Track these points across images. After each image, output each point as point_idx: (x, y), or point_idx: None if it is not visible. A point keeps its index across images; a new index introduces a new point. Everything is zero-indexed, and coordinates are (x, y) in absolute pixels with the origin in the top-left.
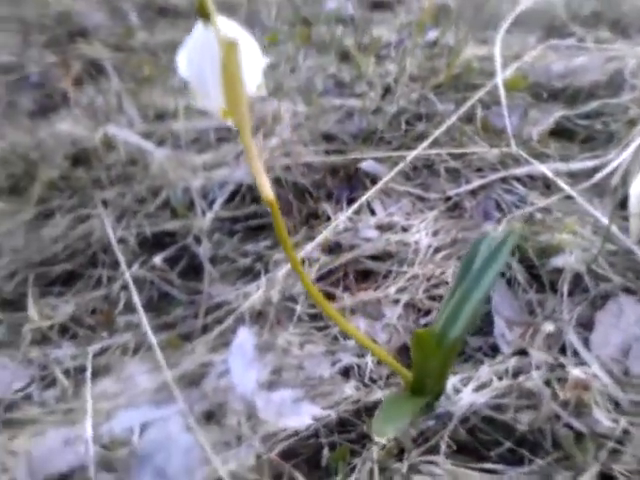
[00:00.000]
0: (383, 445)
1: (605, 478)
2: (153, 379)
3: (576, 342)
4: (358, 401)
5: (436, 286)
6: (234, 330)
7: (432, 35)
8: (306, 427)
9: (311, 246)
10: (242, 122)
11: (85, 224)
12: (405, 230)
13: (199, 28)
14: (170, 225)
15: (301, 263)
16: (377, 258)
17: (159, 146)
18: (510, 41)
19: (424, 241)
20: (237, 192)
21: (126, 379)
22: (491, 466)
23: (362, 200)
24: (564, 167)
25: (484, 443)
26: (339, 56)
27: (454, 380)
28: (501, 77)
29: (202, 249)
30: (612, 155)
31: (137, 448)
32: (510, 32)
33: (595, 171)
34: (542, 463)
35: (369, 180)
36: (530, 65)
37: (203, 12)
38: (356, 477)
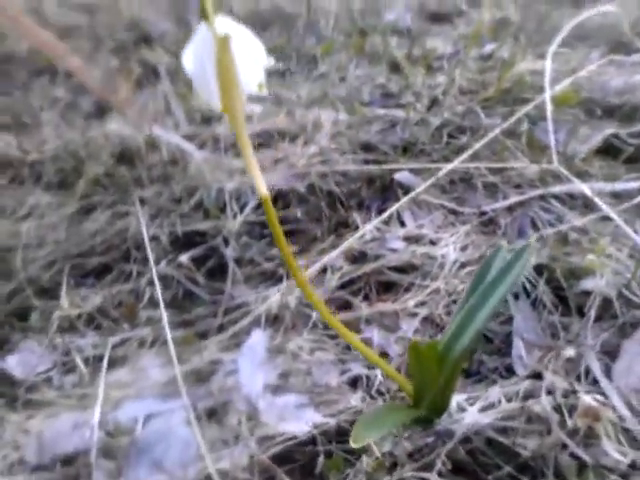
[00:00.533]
0: (376, 457)
1: None
2: (164, 373)
3: (597, 369)
4: (361, 412)
5: (457, 302)
6: (249, 332)
7: (489, 48)
8: (304, 433)
9: (335, 253)
10: (236, 116)
11: (122, 220)
12: (433, 243)
13: (202, 27)
14: (201, 225)
15: (323, 270)
16: (401, 270)
17: (200, 149)
18: (572, 56)
19: (451, 255)
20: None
21: (139, 371)
22: None
23: (391, 211)
24: (607, 187)
25: (483, 466)
26: (390, 67)
27: (460, 398)
28: (550, 92)
29: (229, 251)
30: None
31: (139, 438)
32: (573, 47)
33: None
34: None
35: (403, 191)
36: (587, 80)
37: (204, 12)
38: None
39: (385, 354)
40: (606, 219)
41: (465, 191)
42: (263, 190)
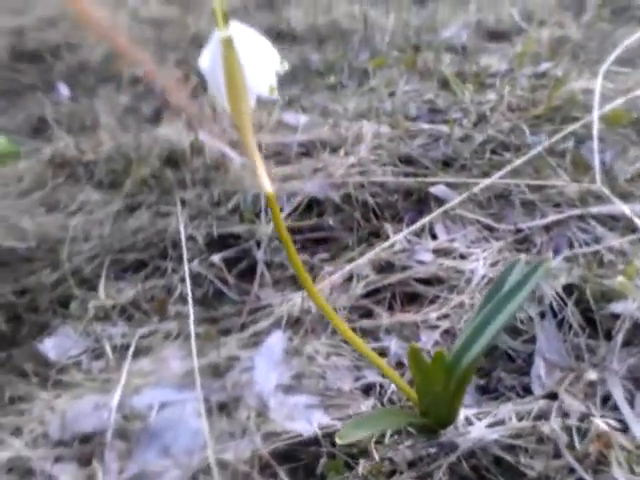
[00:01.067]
0: (376, 462)
1: None
2: (183, 365)
3: (618, 395)
4: None
5: None
6: (269, 332)
7: (544, 67)
8: (309, 433)
9: (361, 261)
10: (241, 116)
11: (163, 220)
12: (463, 258)
13: (216, 32)
14: (236, 228)
15: (350, 278)
16: (427, 282)
17: (242, 155)
18: (631, 75)
19: (480, 271)
20: (305, 204)
21: (161, 361)
22: None
23: (421, 222)
24: None
25: None
26: (440, 83)
27: (469, 412)
28: (599, 110)
29: (260, 254)
30: None
31: (151, 424)
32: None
33: None
34: None
35: (438, 205)
36: None
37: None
38: None
39: (401, 364)
40: None
41: (502, 208)
42: (268, 188)
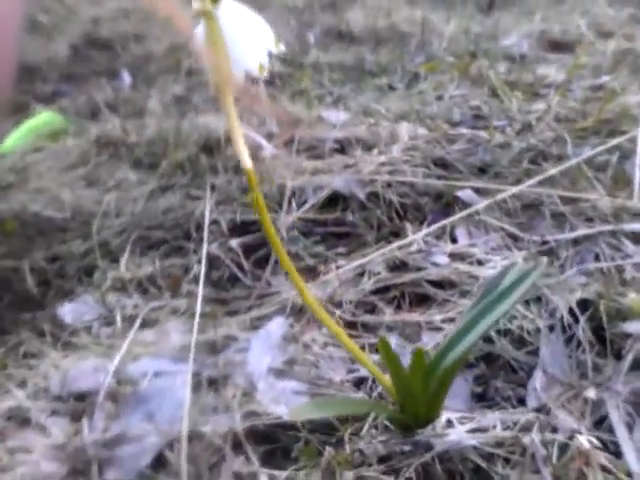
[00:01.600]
0: (346, 453)
1: None
2: (183, 339)
3: (615, 417)
4: None
5: None
6: (271, 317)
7: (603, 79)
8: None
9: (375, 257)
10: (224, 89)
11: (192, 203)
12: (480, 264)
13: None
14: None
15: (362, 274)
16: (439, 285)
17: (275, 147)
18: None
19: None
20: (330, 198)
21: (163, 333)
22: None
23: (439, 224)
24: None
25: None
26: (491, 90)
27: (453, 415)
28: None
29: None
30: None
31: (141, 390)
32: None
33: None
34: None
35: (464, 210)
36: None
37: None
38: (305, 473)
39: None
40: None
41: (531, 218)
42: (247, 163)
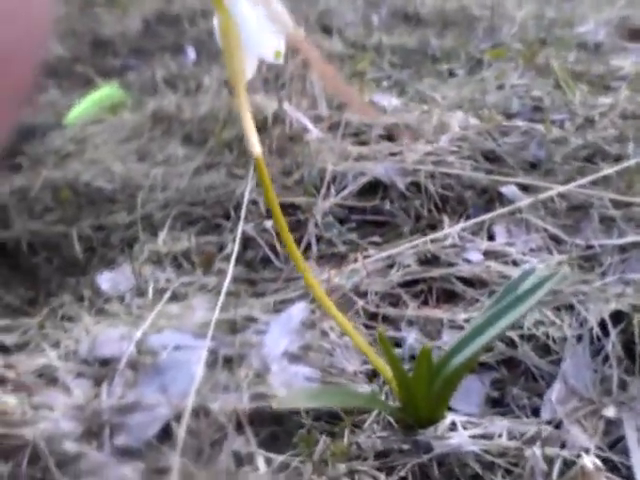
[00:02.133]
0: (343, 444)
1: None
2: (206, 316)
3: (632, 438)
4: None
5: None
6: (294, 302)
7: None
8: None
9: (405, 248)
10: (235, 75)
11: (235, 182)
12: (515, 264)
13: None
14: (297, 199)
15: (391, 265)
16: (468, 282)
17: (323, 131)
18: None
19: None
20: (371, 185)
21: (188, 308)
22: None
23: (475, 220)
24: None
25: None
26: (556, 81)
27: (459, 418)
28: None
29: (311, 227)
30: None
31: (159, 362)
32: None
33: None
34: None
35: (507, 206)
36: None
37: None
38: (300, 460)
39: (413, 357)
40: None
41: (578, 220)
42: (256, 149)
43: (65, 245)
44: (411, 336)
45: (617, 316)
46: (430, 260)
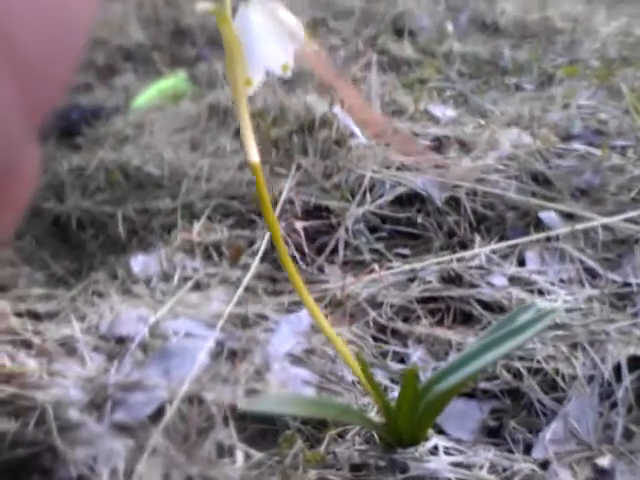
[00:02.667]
0: (321, 453)
1: None
2: (221, 308)
3: None
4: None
5: (521, 355)
6: None
7: None
8: None
9: (429, 263)
10: (237, 87)
11: (275, 179)
12: (540, 294)
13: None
14: (332, 203)
15: (412, 279)
16: (487, 307)
17: (369, 138)
18: None
19: None
20: (408, 196)
21: (206, 299)
22: None
23: (509, 243)
24: None
25: None
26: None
27: (444, 443)
28: None
29: (341, 232)
30: None
31: (167, 347)
32: None
33: None
34: None
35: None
36: None
37: None
38: (276, 460)
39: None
40: None
41: (620, 255)
42: (253, 157)
43: (111, 224)
44: (416, 354)
45: (635, 362)
46: (453, 279)
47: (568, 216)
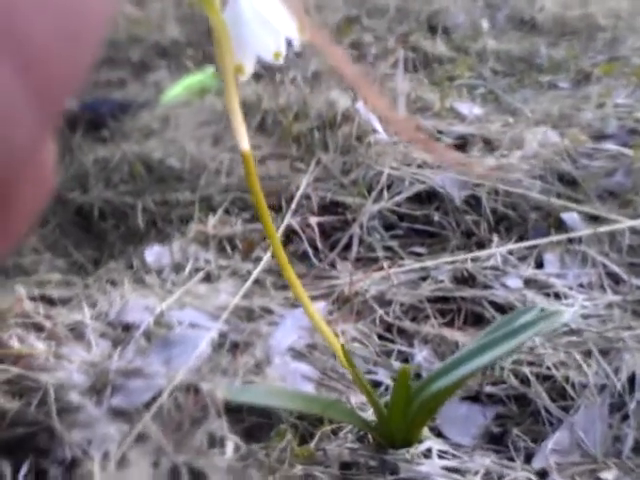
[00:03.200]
0: (311, 449)
1: None
2: (228, 300)
3: None
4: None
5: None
6: (316, 299)
7: None
8: None
9: (441, 262)
10: (226, 73)
11: (294, 174)
12: (557, 297)
13: None
14: (349, 199)
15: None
16: (500, 309)
17: (391, 134)
18: None
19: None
20: (427, 194)
21: (214, 291)
22: None
23: (526, 244)
24: None
25: None
26: None
27: (439, 446)
28: None
29: (355, 229)
30: None
31: (171, 336)
32: None
33: None
34: None
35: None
36: None
37: None
38: (264, 453)
39: (419, 375)
40: None
41: None
42: (244, 146)
43: (131, 215)
44: (421, 354)
45: None
46: (466, 279)
47: (593, 218)
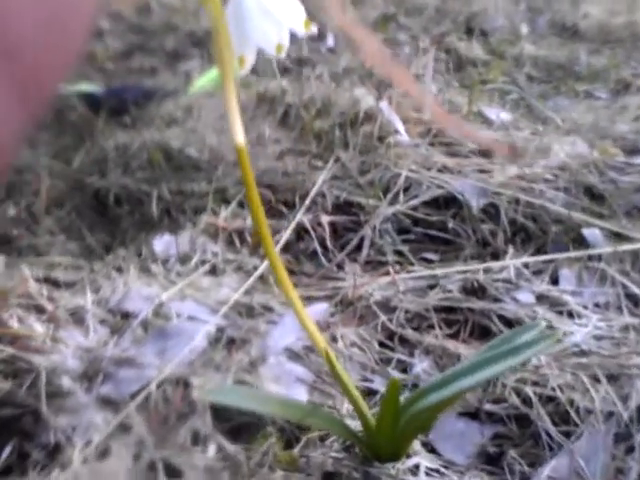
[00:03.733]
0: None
1: None
2: (229, 295)
3: None
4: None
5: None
6: (319, 300)
7: None
8: None
9: (451, 271)
10: (224, 67)
11: (311, 171)
12: (570, 316)
13: None
14: (363, 200)
15: (432, 287)
16: (508, 323)
17: (414, 136)
18: None
19: (574, 337)
20: (445, 200)
21: (217, 284)
22: None
23: (541, 258)
24: None
25: None
26: None
27: (427, 462)
28: None
29: (367, 230)
30: None
31: (168, 327)
32: None
33: None
34: None
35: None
36: None
37: None
38: (246, 455)
39: (416, 385)
40: None
41: None
42: (239, 139)
43: (146, 203)
44: (421, 365)
45: None
46: (475, 290)
47: (616, 235)
